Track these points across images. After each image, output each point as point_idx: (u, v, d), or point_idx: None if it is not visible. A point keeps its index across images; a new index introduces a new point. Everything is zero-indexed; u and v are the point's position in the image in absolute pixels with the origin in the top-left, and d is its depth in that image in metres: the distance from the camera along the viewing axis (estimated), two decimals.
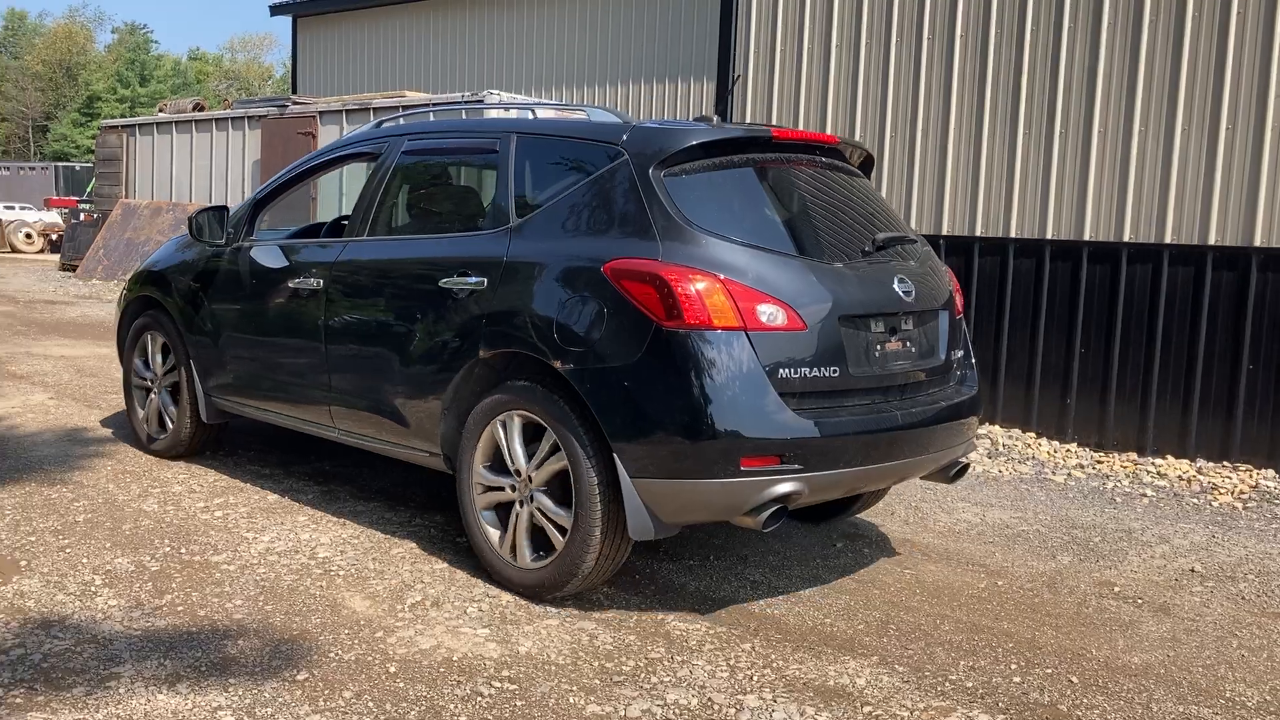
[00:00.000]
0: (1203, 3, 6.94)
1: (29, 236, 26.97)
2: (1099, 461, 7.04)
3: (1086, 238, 7.36)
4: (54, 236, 26.77)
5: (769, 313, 3.78)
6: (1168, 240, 7.07)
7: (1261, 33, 6.75)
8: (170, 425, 5.93)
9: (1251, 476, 6.62)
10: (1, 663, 3.38)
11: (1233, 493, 6.33)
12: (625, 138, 4.14)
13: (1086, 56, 7.36)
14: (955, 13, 7.88)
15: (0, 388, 7.88)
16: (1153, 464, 6.95)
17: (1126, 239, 7.22)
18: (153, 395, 6.06)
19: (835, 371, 3.91)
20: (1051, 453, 7.22)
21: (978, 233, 7.81)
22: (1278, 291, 6.76)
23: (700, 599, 4.24)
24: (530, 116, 4.86)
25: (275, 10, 18.35)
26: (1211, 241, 6.94)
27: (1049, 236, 7.51)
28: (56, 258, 22.72)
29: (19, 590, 3.99)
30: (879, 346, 4.10)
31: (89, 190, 25.28)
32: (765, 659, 3.70)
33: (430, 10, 15.82)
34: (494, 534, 4.26)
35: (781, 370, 3.77)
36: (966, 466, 4.61)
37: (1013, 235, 7.65)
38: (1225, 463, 6.87)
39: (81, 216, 20.09)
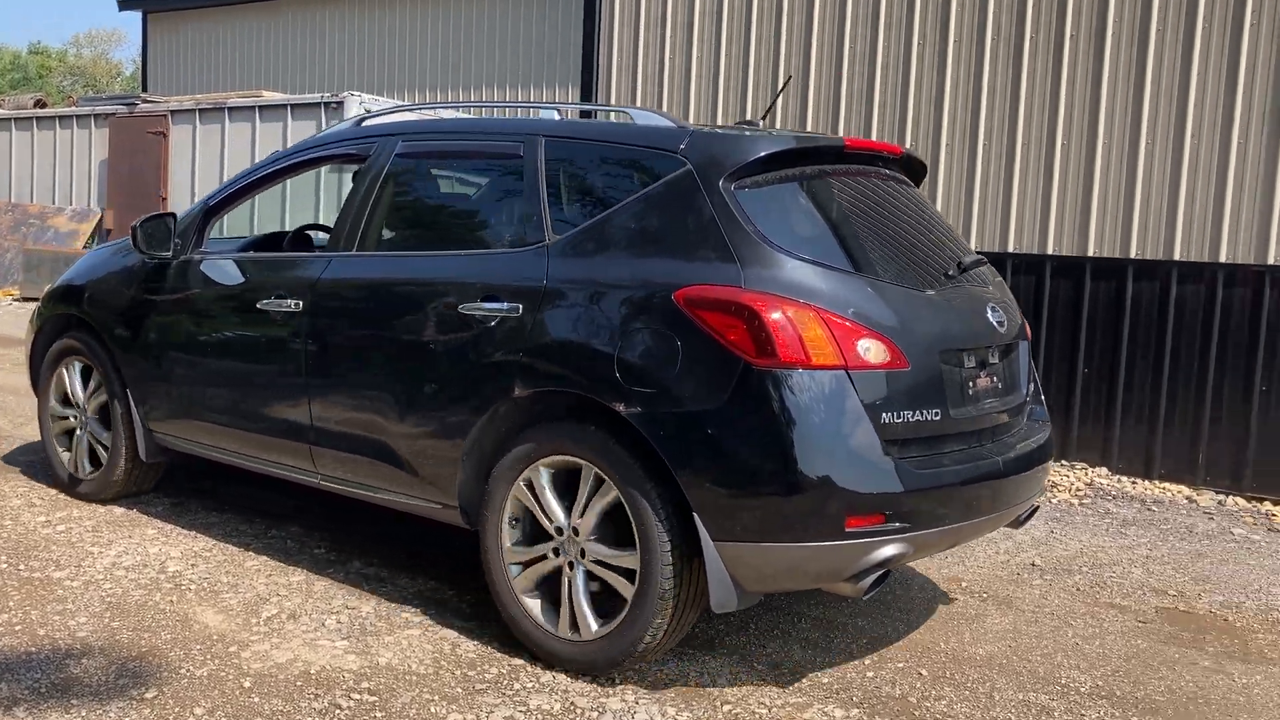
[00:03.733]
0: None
1: None
2: None
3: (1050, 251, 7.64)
4: None
5: (871, 348, 3.34)
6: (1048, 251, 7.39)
7: None
8: (100, 463, 5.20)
9: (1086, 475, 6.99)
10: None
11: (1070, 490, 6.66)
12: (685, 145, 3.64)
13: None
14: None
15: None
16: None
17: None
18: (77, 429, 5.30)
19: (937, 414, 3.49)
20: None
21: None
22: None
23: None
24: (556, 117, 4.25)
25: (124, 4, 17.65)
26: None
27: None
28: None
29: None
30: (971, 384, 3.70)
31: None
32: None
33: (288, 9, 15.45)
34: (530, 601, 3.71)
35: (884, 414, 3.33)
36: (1036, 508, 4.19)
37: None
38: (1064, 461, 7.23)
39: None
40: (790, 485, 3.21)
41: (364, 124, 4.70)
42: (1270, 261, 6.68)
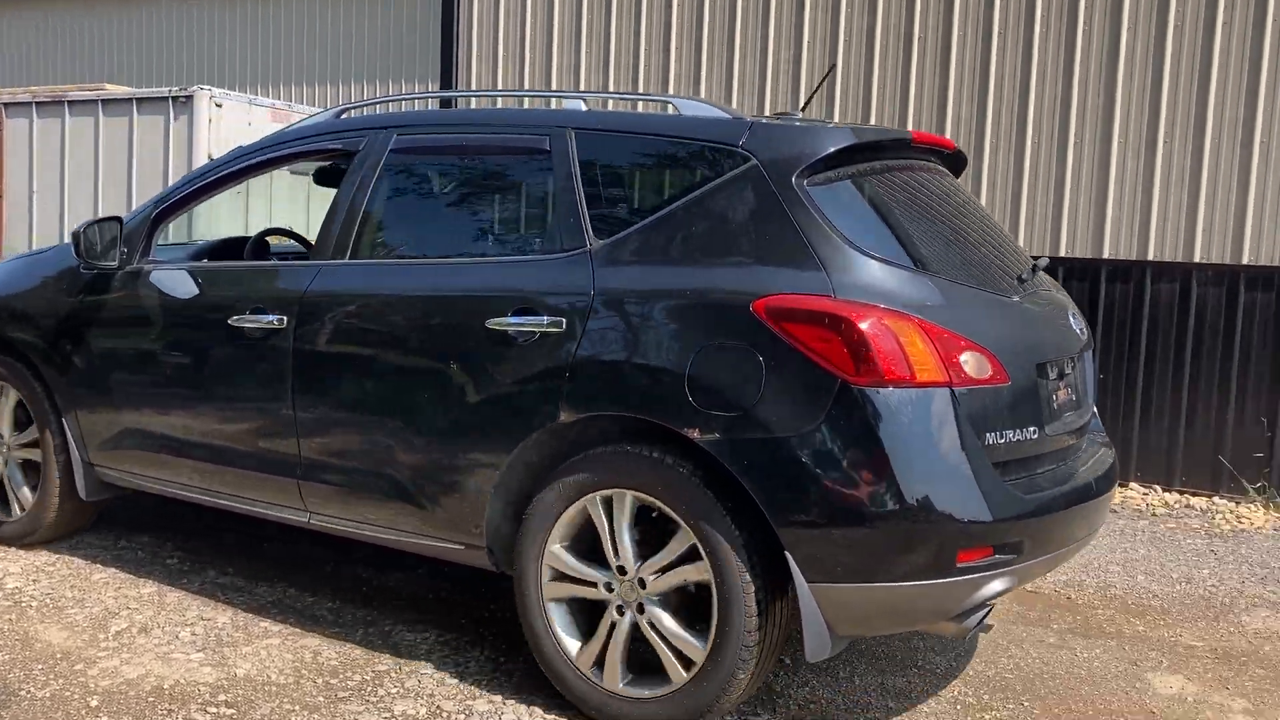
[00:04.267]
0: None
1: None
2: None
3: None
4: None
5: (973, 362, 3.04)
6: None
7: None
8: (27, 502, 4.64)
9: None
10: None
11: None
12: (746, 139, 3.30)
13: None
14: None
15: None
16: None
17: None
18: None
19: (1034, 432, 3.22)
20: None
21: None
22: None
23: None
24: (583, 107, 3.82)
25: None
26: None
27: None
28: None
29: None
30: (1055, 397, 3.41)
31: None
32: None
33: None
34: (573, 647, 3.34)
35: (988, 435, 3.06)
36: None
37: None
38: None
39: None
40: (899, 519, 2.90)
41: (344, 115, 4.24)
42: (1105, 255, 7.03)
